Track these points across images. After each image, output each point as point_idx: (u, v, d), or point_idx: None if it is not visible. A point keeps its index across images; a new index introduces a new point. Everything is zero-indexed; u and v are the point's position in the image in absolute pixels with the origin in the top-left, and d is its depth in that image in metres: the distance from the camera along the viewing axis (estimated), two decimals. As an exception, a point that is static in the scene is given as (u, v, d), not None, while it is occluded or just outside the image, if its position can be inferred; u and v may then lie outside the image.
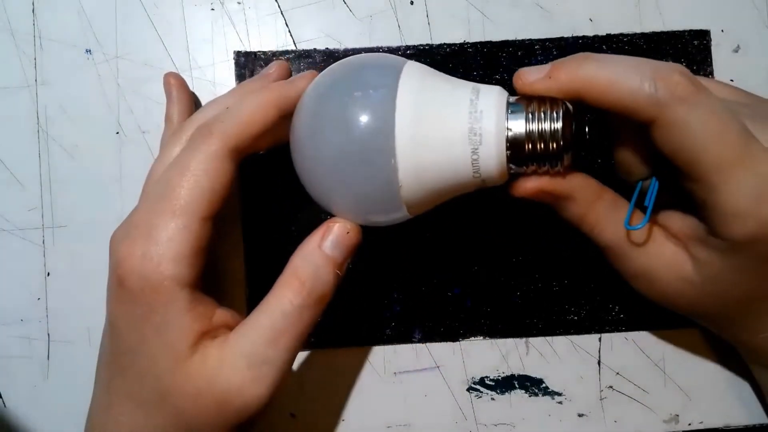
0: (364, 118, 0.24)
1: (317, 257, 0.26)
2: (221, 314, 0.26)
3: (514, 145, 0.24)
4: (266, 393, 0.24)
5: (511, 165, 0.25)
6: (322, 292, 0.25)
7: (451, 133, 0.24)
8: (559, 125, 0.24)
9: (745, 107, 0.26)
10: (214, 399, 0.24)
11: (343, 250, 0.26)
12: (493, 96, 0.25)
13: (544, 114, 0.24)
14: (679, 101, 0.23)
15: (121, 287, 0.24)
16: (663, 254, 0.26)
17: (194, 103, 0.32)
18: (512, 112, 0.25)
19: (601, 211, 0.27)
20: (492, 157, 0.24)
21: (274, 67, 0.31)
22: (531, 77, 0.25)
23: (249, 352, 0.24)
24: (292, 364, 0.25)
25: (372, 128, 0.24)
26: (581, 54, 0.25)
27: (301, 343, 0.25)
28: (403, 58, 0.26)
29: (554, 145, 0.24)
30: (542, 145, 0.24)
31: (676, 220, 0.27)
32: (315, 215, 0.31)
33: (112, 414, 0.25)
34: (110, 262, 0.25)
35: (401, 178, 0.24)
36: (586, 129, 0.27)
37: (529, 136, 0.24)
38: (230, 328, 0.26)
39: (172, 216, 0.24)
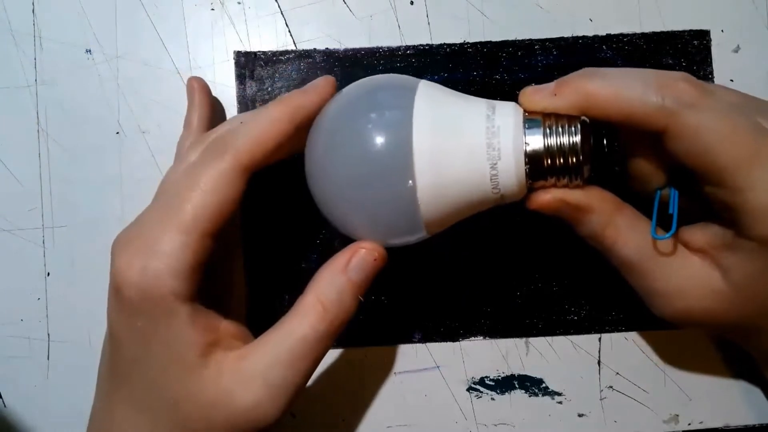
0: (380, 140, 0.24)
1: (342, 283, 0.25)
2: (227, 325, 0.26)
3: (533, 159, 0.24)
4: (278, 414, 0.24)
5: (529, 180, 0.25)
6: (344, 319, 0.25)
7: (468, 150, 0.24)
8: (577, 138, 0.24)
9: (751, 105, 0.25)
10: (227, 412, 0.24)
11: (368, 277, 0.26)
12: (509, 112, 0.25)
13: (562, 128, 0.24)
14: (687, 108, 0.23)
15: (120, 297, 0.24)
16: (689, 269, 0.26)
17: (215, 109, 0.32)
18: (529, 127, 0.25)
19: (621, 224, 0.26)
20: (511, 173, 0.24)
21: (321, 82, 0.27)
22: (536, 96, 0.25)
23: (267, 372, 0.24)
24: (305, 386, 0.25)
25: (389, 150, 0.24)
26: (585, 70, 0.25)
27: (317, 366, 0.25)
28: (417, 78, 0.26)
29: (573, 159, 0.24)
30: (561, 159, 0.24)
31: (696, 231, 0.26)
32: (315, 221, 0.31)
33: (115, 421, 0.25)
34: (111, 268, 0.25)
35: (420, 198, 0.24)
36: (605, 142, 0.27)
37: (547, 150, 0.24)
38: (238, 339, 0.26)
39: (176, 232, 0.24)
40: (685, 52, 0.33)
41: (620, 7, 0.33)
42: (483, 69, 0.32)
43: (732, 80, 0.32)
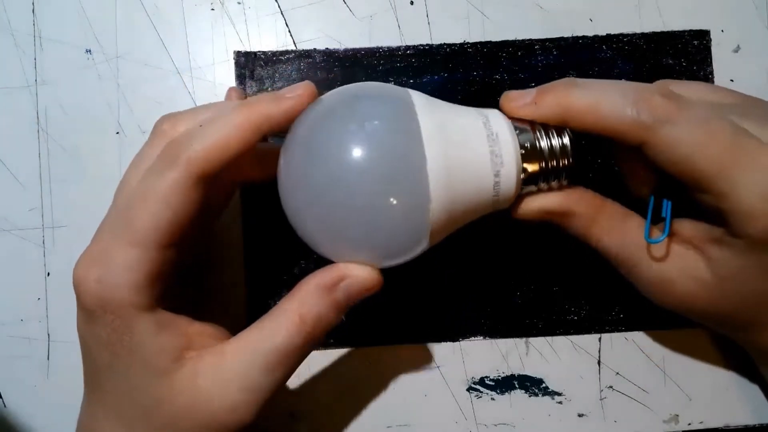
0: (388, 155, 0.22)
1: (326, 302, 0.24)
2: (200, 327, 0.25)
3: (527, 163, 0.25)
4: (252, 419, 0.24)
5: (522, 185, 0.25)
6: (322, 333, 0.25)
7: (475, 158, 0.24)
8: (566, 140, 0.25)
9: (735, 107, 0.26)
10: (204, 414, 0.24)
11: (353, 300, 0.25)
12: (501, 118, 0.25)
13: (550, 132, 0.25)
14: (662, 122, 0.24)
15: (82, 306, 0.24)
16: (675, 259, 0.26)
17: None
18: (520, 132, 0.25)
19: (604, 223, 0.27)
20: (511, 179, 0.24)
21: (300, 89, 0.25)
22: (518, 102, 0.25)
23: (244, 376, 0.24)
24: (280, 389, 0.25)
25: (401, 161, 0.22)
26: (565, 80, 0.26)
27: (293, 372, 0.25)
28: (403, 88, 0.25)
29: (563, 162, 0.25)
30: (553, 163, 0.25)
31: (687, 225, 0.26)
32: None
33: (92, 427, 0.25)
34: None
35: (432, 213, 0.23)
36: (583, 142, 0.27)
37: (541, 153, 0.25)
38: (214, 338, 0.25)
39: (129, 245, 0.23)
40: (685, 52, 0.33)
41: (620, 7, 0.33)
42: (483, 69, 0.32)
43: (732, 80, 0.32)
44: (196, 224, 0.24)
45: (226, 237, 0.32)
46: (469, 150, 0.24)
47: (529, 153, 0.25)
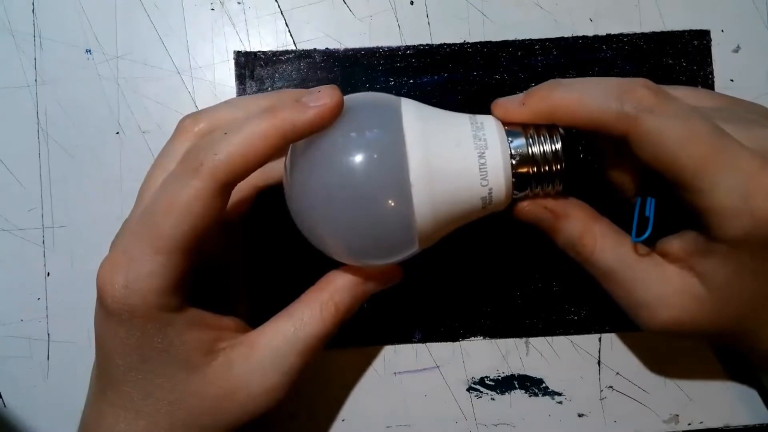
0: (373, 160, 0.23)
1: (359, 292, 0.27)
2: (226, 321, 0.26)
3: (519, 168, 0.25)
4: (283, 398, 0.26)
5: (515, 190, 0.25)
6: (347, 319, 0.27)
7: (461, 164, 0.24)
8: (558, 146, 0.25)
9: (718, 111, 0.26)
10: (240, 399, 0.25)
11: (377, 290, 0.28)
12: (492, 124, 0.25)
13: (543, 137, 0.25)
14: (646, 113, 0.24)
15: (106, 311, 0.24)
16: (668, 278, 0.26)
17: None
18: (512, 138, 0.25)
19: (598, 233, 0.26)
20: (500, 184, 0.24)
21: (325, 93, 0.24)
22: (506, 106, 0.26)
23: (281, 361, 0.25)
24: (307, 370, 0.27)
25: (384, 168, 0.23)
26: (551, 81, 0.26)
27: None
28: (396, 96, 0.26)
29: (556, 166, 0.25)
30: (546, 167, 0.25)
31: (673, 241, 0.26)
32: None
33: (107, 425, 0.25)
34: (97, 277, 0.24)
35: (417, 213, 0.24)
36: (580, 149, 0.28)
37: (533, 159, 0.25)
38: (239, 331, 0.26)
39: (155, 252, 0.23)
40: (685, 52, 0.33)
41: (620, 7, 0.33)
42: (483, 69, 0.32)
43: (732, 80, 0.32)
44: (221, 227, 0.25)
45: (227, 236, 0.32)
46: (455, 156, 0.24)
47: (522, 158, 0.25)
